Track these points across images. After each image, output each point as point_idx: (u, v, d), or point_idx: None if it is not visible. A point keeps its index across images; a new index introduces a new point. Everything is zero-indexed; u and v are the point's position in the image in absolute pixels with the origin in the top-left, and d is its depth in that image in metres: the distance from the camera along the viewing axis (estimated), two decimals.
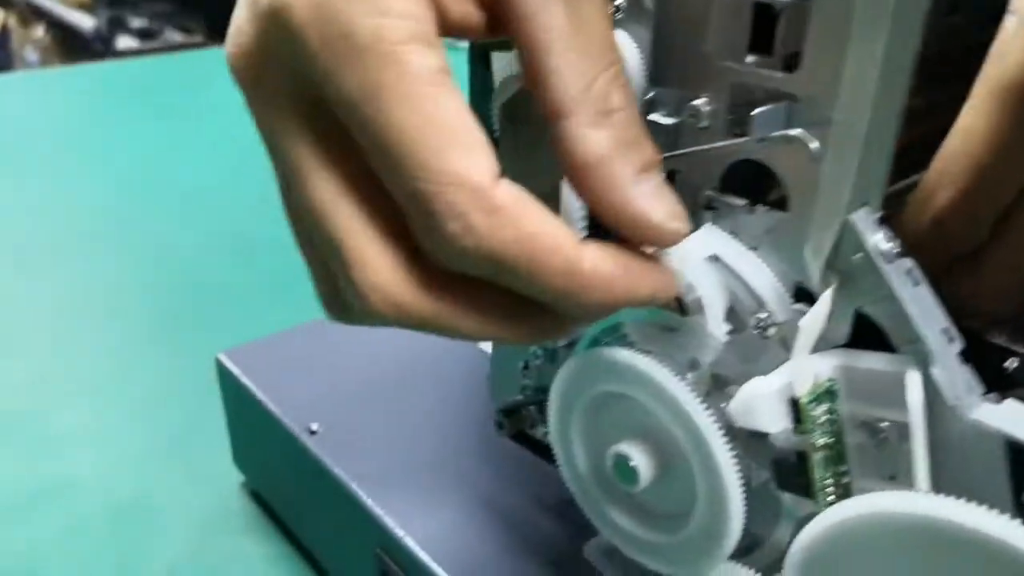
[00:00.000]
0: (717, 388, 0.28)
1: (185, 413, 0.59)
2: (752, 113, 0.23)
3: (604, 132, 0.21)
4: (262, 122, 0.22)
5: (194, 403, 0.59)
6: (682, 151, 0.26)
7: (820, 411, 0.25)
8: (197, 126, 1.15)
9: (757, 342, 0.27)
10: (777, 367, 0.27)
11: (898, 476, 0.25)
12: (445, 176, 0.19)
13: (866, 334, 0.26)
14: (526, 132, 0.29)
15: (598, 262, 0.21)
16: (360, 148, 0.20)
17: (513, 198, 0.20)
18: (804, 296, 0.26)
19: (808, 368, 0.25)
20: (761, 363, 0.27)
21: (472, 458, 0.42)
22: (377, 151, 0.20)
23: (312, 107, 0.21)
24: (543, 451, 0.36)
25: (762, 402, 0.24)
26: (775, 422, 0.25)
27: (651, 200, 0.22)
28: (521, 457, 0.41)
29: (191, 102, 1.23)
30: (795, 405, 0.24)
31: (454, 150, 0.19)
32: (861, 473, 0.26)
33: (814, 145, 0.23)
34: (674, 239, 0.23)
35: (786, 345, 0.27)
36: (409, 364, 0.49)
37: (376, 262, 0.21)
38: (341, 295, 0.23)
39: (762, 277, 0.27)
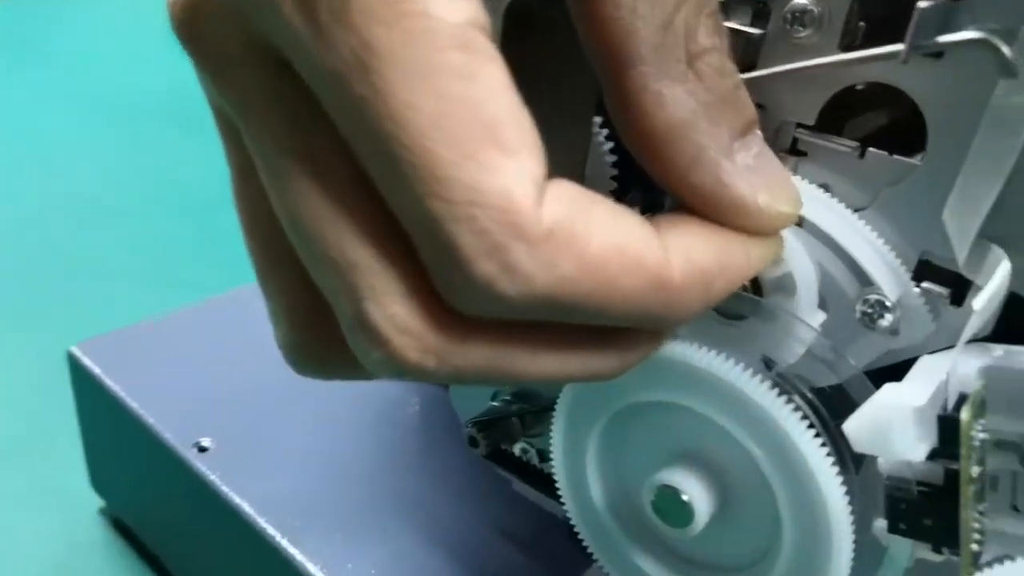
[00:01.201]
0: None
1: (26, 420, 0.50)
2: (919, 5, 0.16)
3: (689, 86, 0.16)
4: (214, 94, 0.16)
5: (37, 407, 0.50)
6: (783, 68, 0.19)
7: (976, 430, 0.18)
8: (44, 73, 1.00)
9: (846, 333, 0.21)
10: (865, 365, 0.21)
11: None
12: (471, 193, 0.13)
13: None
14: (544, 47, 0.21)
15: (689, 264, 0.15)
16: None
17: (567, 209, 0.14)
18: (928, 273, 0.20)
19: (955, 372, 0.18)
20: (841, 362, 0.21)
21: (414, 478, 0.34)
22: (371, 152, 0.14)
23: (285, 78, 0.14)
24: (522, 471, 0.28)
25: (904, 420, 0.17)
26: (917, 447, 0.18)
27: (753, 176, 0.17)
28: (478, 475, 0.33)
29: (36, 46, 1.08)
30: (947, 422, 0.18)
31: (487, 152, 0.13)
32: (991, 509, 0.20)
33: (1008, 51, 0.16)
34: (784, 224, 0.17)
35: (896, 335, 0.20)
36: None
37: (402, 290, 0.14)
38: (329, 339, 0.16)
39: (872, 247, 0.20)
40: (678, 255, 0.15)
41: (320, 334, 0.17)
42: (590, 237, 0.14)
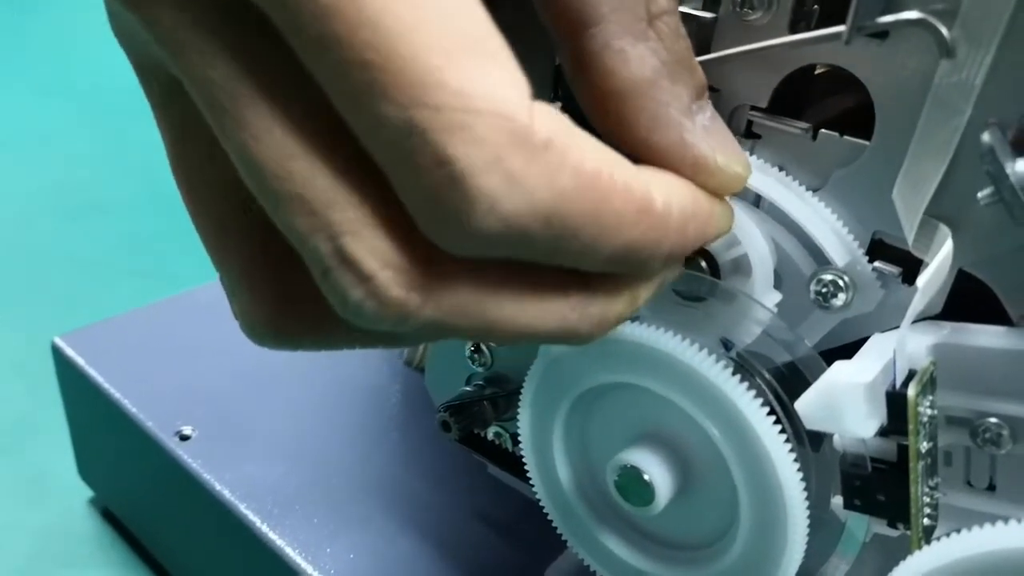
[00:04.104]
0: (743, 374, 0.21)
1: (15, 410, 0.50)
2: None
3: (649, 45, 0.16)
4: (145, 40, 0.14)
5: (26, 398, 0.50)
6: (736, 50, 0.19)
7: (925, 406, 0.18)
8: (27, 67, 1.00)
9: (800, 310, 0.21)
10: (817, 342, 0.21)
11: (1000, 487, 0.20)
12: (462, 97, 0.12)
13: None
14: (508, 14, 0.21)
15: (669, 196, 0.15)
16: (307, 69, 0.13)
17: (560, 122, 0.13)
18: (881, 253, 0.20)
19: (904, 349, 0.18)
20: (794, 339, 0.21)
21: (392, 464, 0.34)
22: (339, 68, 0.12)
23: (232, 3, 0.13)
24: (496, 456, 0.29)
25: (853, 396, 0.18)
26: (867, 423, 0.18)
27: (710, 136, 0.17)
28: (457, 460, 0.33)
29: (17, 38, 1.08)
30: (895, 399, 0.18)
31: (473, 58, 0.12)
32: (946, 484, 0.20)
33: (947, 32, 0.16)
34: (738, 185, 0.17)
35: (850, 314, 0.20)
36: None
37: (382, 224, 0.13)
38: (289, 303, 0.15)
39: (827, 226, 0.20)
40: (657, 188, 0.15)
41: (278, 298, 0.16)
42: (584, 152, 0.13)
